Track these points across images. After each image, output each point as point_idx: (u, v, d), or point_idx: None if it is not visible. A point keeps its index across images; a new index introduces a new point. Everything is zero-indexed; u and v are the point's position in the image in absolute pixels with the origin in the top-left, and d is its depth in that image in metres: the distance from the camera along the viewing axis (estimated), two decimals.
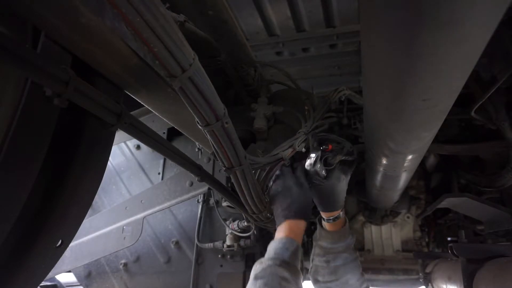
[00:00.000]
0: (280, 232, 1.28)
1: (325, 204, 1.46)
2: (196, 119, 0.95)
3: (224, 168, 1.19)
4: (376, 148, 1.57)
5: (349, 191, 3.77)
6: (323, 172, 1.39)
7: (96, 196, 1.11)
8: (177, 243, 2.75)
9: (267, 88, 1.93)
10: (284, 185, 1.40)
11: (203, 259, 2.64)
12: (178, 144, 2.74)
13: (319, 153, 1.41)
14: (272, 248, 1.21)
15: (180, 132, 1.50)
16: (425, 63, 0.74)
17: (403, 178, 1.92)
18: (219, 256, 2.59)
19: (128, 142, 3.09)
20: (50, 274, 1.24)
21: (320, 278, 1.47)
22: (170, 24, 0.70)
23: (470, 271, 1.71)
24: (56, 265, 0.96)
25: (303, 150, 1.56)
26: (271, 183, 1.44)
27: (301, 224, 1.32)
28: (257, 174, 1.40)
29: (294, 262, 1.14)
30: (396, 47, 0.73)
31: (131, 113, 1.03)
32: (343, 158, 1.45)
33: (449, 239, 3.57)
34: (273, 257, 1.13)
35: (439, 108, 1.00)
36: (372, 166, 1.95)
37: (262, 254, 2.68)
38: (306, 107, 1.68)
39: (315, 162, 1.40)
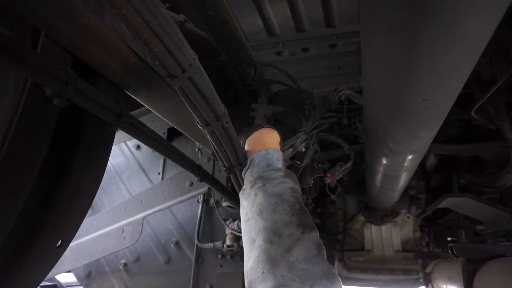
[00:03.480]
0: (255, 146, 1.13)
1: None
2: (196, 119, 0.95)
3: (224, 168, 1.19)
4: (376, 148, 1.57)
5: (349, 191, 3.79)
6: None
7: (96, 196, 1.11)
8: (177, 243, 2.75)
9: (267, 88, 1.94)
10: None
11: (203, 259, 2.64)
12: (178, 144, 2.74)
13: None
14: (262, 162, 1.06)
15: (180, 132, 1.50)
16: (425, 63, 0.74)
17: (403, 178, 1.92)
18: (219, 256, 2.60)
19: (128, 142, 3.09)
20: (50, 274, 1.24)
21: None
22: (170, 24, 0.70)
23: (470, 271, 1.71)
24: (56, 265, 0.96)
25: (303, 149, 1.56)
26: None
27: (273, 132, 1.20)
28: None
29: (288, 170, 1.07)
30: (396, 47, 0.73)
31: (131, 113, 1.03)
32: None
33: (449, 239, 3.57)
34: (274, 169, 1.03)
35: (439, 108, 1.00)
36: (372, 166, 1.95)
37: None
38: (306, 107, 1.68)
39: None
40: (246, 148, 1.17)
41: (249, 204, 0.98)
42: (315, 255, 0.79)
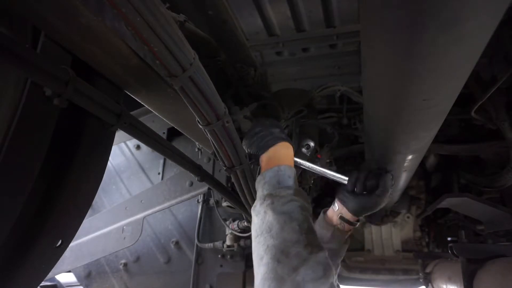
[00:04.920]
0: (269, 162, 1.14)
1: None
2: (197, 118, 0.95)
3: (224, 168, 1.19)
4: (376, 148, 1.57)
5: None
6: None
7: (96, 196, 1.11)
8: (177, 243, 2.75)
9: (267, 88, 1.94)
10: (259, 125, 1.26)
11: (203, 259, 2.64)
12: (178, 144, 2.74)
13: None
14: (273, 180, 1.07)
15: (180, 132, 1.50)
16: (425, 63, 0.74)
17: (403, 178, 1.92)
18: (219, 256, 2.60)
19: (128, 142, 3.09)
20: (50, 274, 1.24)
21: None
22: (170, 24, 0.70)
23: (470, 271, 1.71)
24: (56, 265, 0.96)
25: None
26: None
27: (290, 148, 1.20)
28: (251, 168, 1.40)
29: (299, 188, 1.08)
30: (396, 47, 0.73)
31: (131, 113, 1.03)
32: None
33: (449, 239, 3.57)
34: (284, 186, 1.04)
35: (439, 108, 1.00)
36: (372, 166, 1.95)
37: None
38: (276, 101, 1.74)
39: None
40: (261, 163, 1.18)
41: (259, 221, 0.98)
42: (321, 276, 0.80)
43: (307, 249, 0.85)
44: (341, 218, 1.39)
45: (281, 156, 1.16)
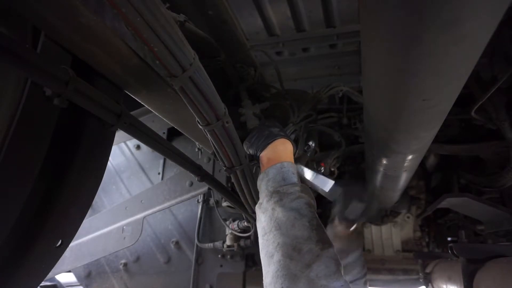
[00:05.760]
0: (270, 160, 1.14)
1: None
2: (197, 118, 0.95)
3: (224, 168, 1.19)
4: (376, 148, 1.57)
5: None
6: None
7: (96, 196, 1.11)
8: (177, 243, 2.75)
9: (267, 88, 1.94)
10: (259, 127, 1.29)
11: (203, 259, 2.64)
12: (178, 144, 2.74)
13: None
14: (277, 176, 1.06)
15: (180, 132, 1.50)
16: (425, 63, 0.74)
17: (403, 178, 1.92)
18: (219, 256, 2.60)
19: (128, 142, 3.09)
20: (50, 274, 1.24)
21: None
22: (171, 24, 0.70)
23: (470, 271, 1.71)
24: (56, 265, 0.96)
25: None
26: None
27: (288, 144, 1.20)
28: (253, 170, 1.40)
29: (304, 184, 1.06)
30: (396, 47, 0.73)
31: (131, 113, 1.03)
32: None
33: (449, 239, 3.57)
34: (290, 183, 1.03)
35: (439, 108, 1.00)
36: (372, 166, 1.95)
37: None
38: (288, 102, 1.71)
39: None
40: (261, 162, 1.18)
41: (266, 218, 0.97)
42: (334, 271, 0.80)
43: (319, 245, 0.85)
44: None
45: (281, 153, 1.16)
